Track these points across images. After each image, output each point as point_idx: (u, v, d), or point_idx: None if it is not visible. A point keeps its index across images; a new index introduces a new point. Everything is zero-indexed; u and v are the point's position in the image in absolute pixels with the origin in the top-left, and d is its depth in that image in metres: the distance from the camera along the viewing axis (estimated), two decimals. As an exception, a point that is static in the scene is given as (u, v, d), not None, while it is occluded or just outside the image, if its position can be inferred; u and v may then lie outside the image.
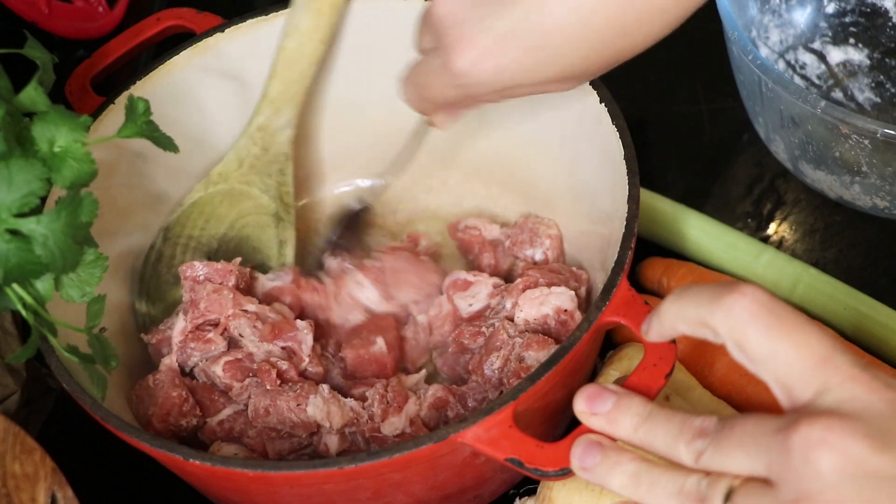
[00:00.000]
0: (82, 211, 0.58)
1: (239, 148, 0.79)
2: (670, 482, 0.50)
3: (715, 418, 0.50)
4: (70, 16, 0.99)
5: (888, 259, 0.84)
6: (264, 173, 0.79)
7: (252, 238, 0.80)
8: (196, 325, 0.72)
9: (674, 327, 0.53)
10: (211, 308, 0.72)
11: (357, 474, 0.57)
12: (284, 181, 0.80)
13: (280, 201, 0.79)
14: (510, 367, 0.69)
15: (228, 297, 0.72)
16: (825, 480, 0.44)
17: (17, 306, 0.58)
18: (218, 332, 0.72)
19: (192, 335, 0.72)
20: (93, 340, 0.61)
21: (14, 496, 0.56)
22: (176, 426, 0.69)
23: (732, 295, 0.49)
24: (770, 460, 0.46)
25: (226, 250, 0.79)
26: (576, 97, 0.73)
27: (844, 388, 0.46)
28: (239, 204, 0.79)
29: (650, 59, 0.97)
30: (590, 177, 0.75)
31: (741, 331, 0.48)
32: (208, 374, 0.71)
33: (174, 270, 0.77)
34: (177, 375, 0.71)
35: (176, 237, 0.79)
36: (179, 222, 0.79)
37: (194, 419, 0.70)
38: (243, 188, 0.79)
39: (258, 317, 0.73)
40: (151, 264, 0.78)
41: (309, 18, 0.77)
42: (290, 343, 0.72)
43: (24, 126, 0.58)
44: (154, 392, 0.70)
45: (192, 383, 0.72)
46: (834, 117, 0.73)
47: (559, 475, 0.54)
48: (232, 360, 0.71)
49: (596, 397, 0.54)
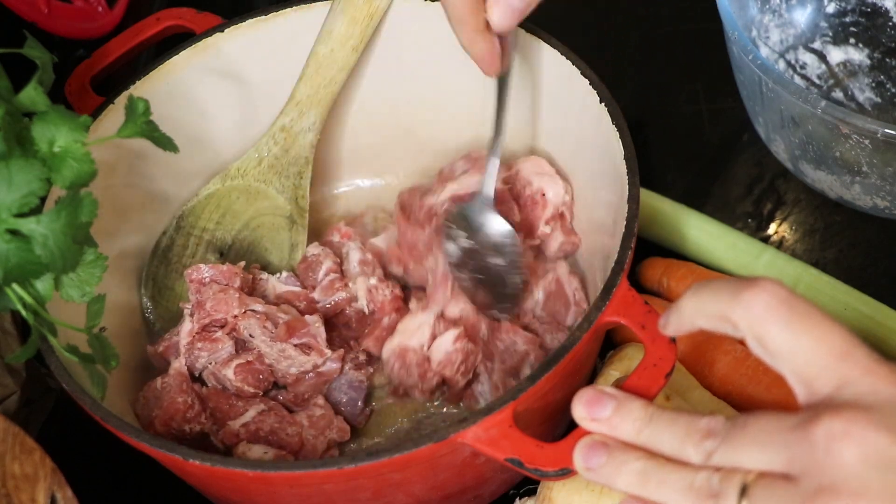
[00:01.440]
0: (82, 211, 0.58)
1: (260, 146, 0.80)
2: (680, 479, 0.49)
3: (721, 418, 0.50)
4: (70, 16, 0.99)
5: (888, 259, 0.84)
6: (283, 174, 0.79)
7: (265, 239, 0.80)
8: (202, 326, 0.72)
9: (693, 322, 0.53)
10: (217, 308, 0.72)
11: (357, 474, 0.57)
12: (301, 184, 0.80)
13: (295, 204, 0.80)
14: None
15: (234, 296, 0.72)
16: (849, 471, 0.44)
17: (17, 306, 0.58)
18: (225, 332, 0.72)
19: (198, 336, 0.72)
20: (92, 340, 0.61)
21: (14, 496, 0.56)
22: (178, 431, 0.70)
23: (752, 290, 0.49)
24: (791, 454, 0.46)
25: (238, 249, 0.80)
26: (576, 97, 0.73)
27: (864, 382, 0.47)
28: (255, 202, 0.80)
29: (650, 59, 0.98)
30: (590, 177, 0.75)
31: (761, 325, 0.49)
32: (218, 377, 0.72)
33: (185, 261, 0.78)
34: (185, 380, 0.71)
35: (190, 227, 0.79)
36: (194, 213, 0.79)
37: (198, 425, 0.70)
38: (260, 186, 0.80)
39: (267, 317, 0.73)
40: (161, 251, 0.79)
41: (343, 25, 0.77)
42: (305, 339, 0.72)
43: (24, 126, 0.58)
44: (160, 395, 0.70)
45: (203, 390, 0.72)
46: (834, 117, 0.73)
47: (559, 475, 0.54)
48: (243, 364, 0.72)
49: (595, 402, 0.54)
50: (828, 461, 0.45)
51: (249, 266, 0.78)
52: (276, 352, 0.72)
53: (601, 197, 0.72)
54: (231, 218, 0.80)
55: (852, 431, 0.45)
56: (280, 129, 0.79)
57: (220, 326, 0.72)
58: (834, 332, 0.48)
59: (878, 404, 0.46)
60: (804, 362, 0.48)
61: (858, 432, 0.45)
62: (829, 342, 0.48)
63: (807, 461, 0.45)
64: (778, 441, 0.47)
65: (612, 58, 0.97)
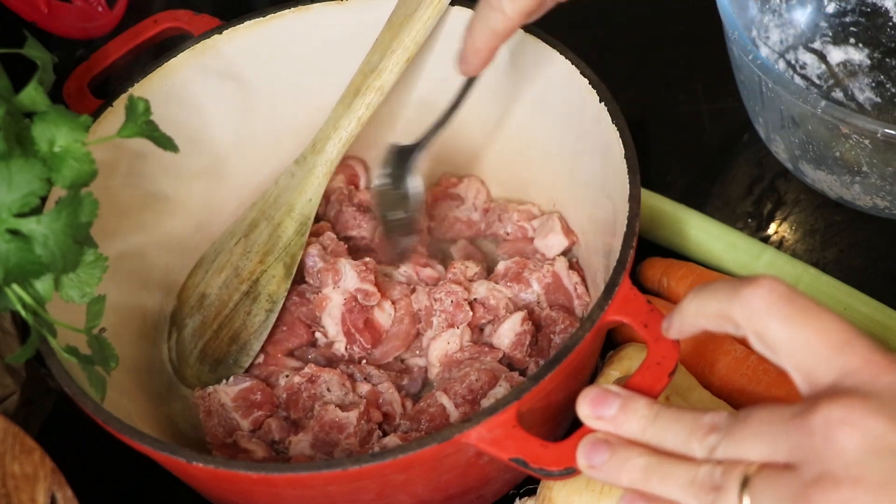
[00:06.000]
0: (82, 211, 0.58)
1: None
2: (683, 473, 0.50)
3: (725, 413, 0.50)
4: (70, 16, 0.98)
5: (888, 259, 0.84)
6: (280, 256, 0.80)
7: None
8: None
9: (695, 323, 0.53)
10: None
11: (360, 475, 0.56)
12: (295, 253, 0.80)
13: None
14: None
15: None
16: (848, 457, 0.44)
17: (16, 306, 0.58)
18: None
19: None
20: (92, 341, 0.61)
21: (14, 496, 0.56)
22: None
23: (751, 286, 0.50)
24: (791, 444, 0.46)
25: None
26: (576, 97, 0.73)
27: (865, 371, 0.47)
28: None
29: (650, 59, 0.98)
30: (590, 176, 0.75)
31: (761, 320, 0.49)
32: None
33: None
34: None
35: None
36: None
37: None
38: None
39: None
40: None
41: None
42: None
43: (24, 126, 0.58)
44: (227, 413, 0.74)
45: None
46: (834, 117, 0.73)
47: (564, 475, 0.54)
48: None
49: (600, 401, 0.54)
50: (827, 448, 0.45)
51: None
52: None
53: (602, 196, 0.72)
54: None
55: (851, 418, 0.45)
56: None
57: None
58: (833, 324, 0.48)
59: (878, 391, 0.46)
60: (804, 355, 0.48)
61: (857, 419, 0.45)
62: (829, 334, 0.48)
63: (806, 449, 0.46)
64: (778, 431, 0.47)
65: (612, 58, 0.97)
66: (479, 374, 0.71)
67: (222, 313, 0.78)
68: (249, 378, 0.75)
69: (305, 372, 0.73)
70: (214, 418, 0.73)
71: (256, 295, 0.77)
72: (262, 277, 0.78)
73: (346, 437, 0.70)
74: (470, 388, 0.71)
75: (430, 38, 0.77)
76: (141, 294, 0.79)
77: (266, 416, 0.73)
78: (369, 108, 0.76)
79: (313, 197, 0.78)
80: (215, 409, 0.73)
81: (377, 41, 0.77)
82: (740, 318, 0.50)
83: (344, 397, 0.73)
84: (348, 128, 0.77)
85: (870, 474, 0.44)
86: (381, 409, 0.73)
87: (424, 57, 0.80)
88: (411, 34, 0.75)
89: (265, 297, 0.77)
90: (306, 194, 0.78)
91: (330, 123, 0.78)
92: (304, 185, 0.78)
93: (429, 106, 0.77)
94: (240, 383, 0.74)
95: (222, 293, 0.79)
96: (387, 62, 0.76)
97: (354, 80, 0.77)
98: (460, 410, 0.70)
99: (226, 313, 0.78)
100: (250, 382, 0.74)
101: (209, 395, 0.74)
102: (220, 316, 0.78)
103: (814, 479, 0.45)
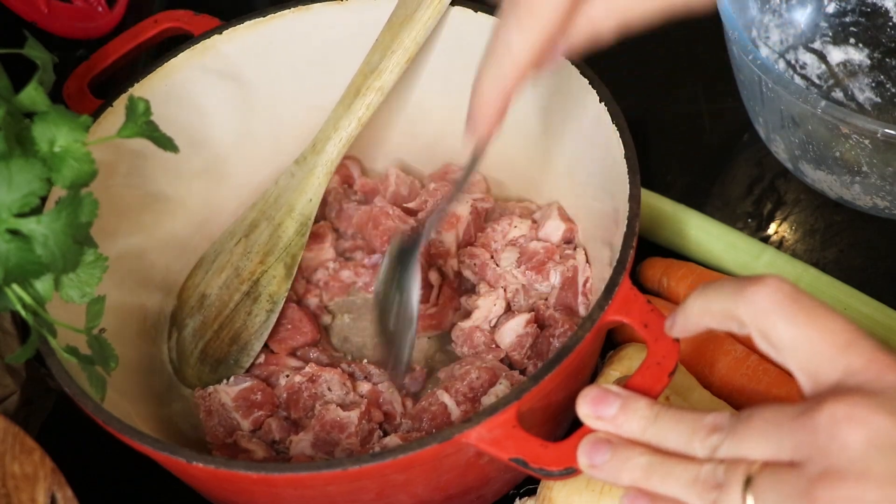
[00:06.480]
0: (82, 211, 0.58)
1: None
2: (685, 472, 0.50)
3: (727, 413, 0.50)
4: (70, 16, 0.98)
5: (888, 259, 0.84)
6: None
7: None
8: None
9: (699, 322, 0.54)
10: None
11: (361, 475, 0.57)
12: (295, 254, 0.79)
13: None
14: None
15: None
16: (852, 454, 0.45)
17: (16, 307, 0.58)
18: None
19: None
20: (92, 341, 0.61)
21: (14, 496, 0.56)
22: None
23: (756, 285, 0.50)
24: (795, 442, 0.47)
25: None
26: (576, 97, 0.73)
27: (869, 370, 0.47)
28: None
29: (650, 59, 0.98)
30: (590, 176, 0.75)
31: (766, 319, 0.49)
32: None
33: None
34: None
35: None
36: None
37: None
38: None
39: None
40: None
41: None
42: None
43: (24, 126, 0.58)
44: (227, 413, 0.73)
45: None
46: (834, 117, 0.73)
47: (564, 474, 0.54)
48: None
49: (600, 401, 0.54)
50: (832, 445, 0.45)
51: None
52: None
53: (602, 196, 0.72)
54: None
55: (855, 415, 0.45)
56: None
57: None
58: (837, 324, 0.49)
59: (882, 389, 0.46)
60: (808, 354, 0.49)
61: (862, 415, 0.45)
62: (833, 334, 0.48)
63: (811, 446, 0.46)
64: (782, 430, 0.47)
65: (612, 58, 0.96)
66: (480, 372, 0.71)
67: (223, 313, 0.78)
68: (250, 378, 0.75)
69: (306, 371, 0.74)
70: (215, 418, 0.73)
71: (257, 295, 0.77)
72: (262, 278, 0.78)
73: (347, 437, 0.70)
74: (471, 386, 0.71)
75: (430, 38, 0.77)
76: (141, 294, 0.79)
77: (266, 416, 0.73)
78: (369, 108, 0.76)
79: (314, 197, 0.78)
80: (216, 409, 0.73)
81: (377, 41, 0.77)
82: (745, 317, 0.50)
83: (345, 397, 0.73)
84: (348, 128, 0.77)
85: (875, 469, 0.44)
86: (382, 408, 0.73)
87: (424, 57, 0.80)
88: (411, 34, 0.75)
89: (266, 297, 0.77)
90: (307, 194, 0.78)
91: (330, 124, 0.78)
92: (304, 185, 0.78)
93: (429, 106, 0.77)
94: (240, 383, 0.74)
95: (223, 293, 0.79)
96: (387, 62, 0.76)
97: (354, 80, 0.77)
98: (461, 409, 0.70)
99: (226, 313, 0.78)
100: (251, 382, 0.74)
101: (209, 395, 0.74)
102: (221, 316, 0.78)
103: (818, 475, 0.45)
